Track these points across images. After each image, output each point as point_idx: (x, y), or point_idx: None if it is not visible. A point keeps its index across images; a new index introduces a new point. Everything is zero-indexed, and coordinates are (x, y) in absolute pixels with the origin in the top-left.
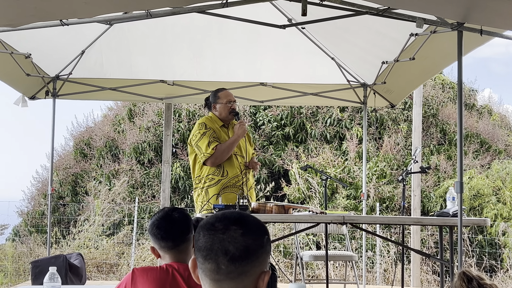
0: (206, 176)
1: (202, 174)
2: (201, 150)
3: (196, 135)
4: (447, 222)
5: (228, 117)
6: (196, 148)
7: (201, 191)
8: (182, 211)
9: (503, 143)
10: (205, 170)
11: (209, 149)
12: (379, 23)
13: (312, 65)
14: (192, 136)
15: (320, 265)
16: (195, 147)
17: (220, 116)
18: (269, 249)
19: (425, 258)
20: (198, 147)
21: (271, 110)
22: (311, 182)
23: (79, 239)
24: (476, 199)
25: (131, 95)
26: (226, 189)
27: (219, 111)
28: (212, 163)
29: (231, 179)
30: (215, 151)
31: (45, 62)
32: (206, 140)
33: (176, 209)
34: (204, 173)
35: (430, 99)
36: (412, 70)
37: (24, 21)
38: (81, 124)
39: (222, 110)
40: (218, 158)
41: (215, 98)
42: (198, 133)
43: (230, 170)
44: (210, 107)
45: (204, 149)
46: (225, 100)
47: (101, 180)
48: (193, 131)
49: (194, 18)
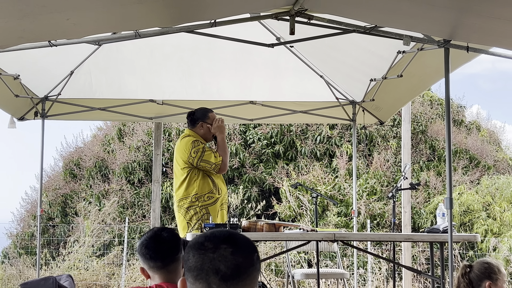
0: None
1: (192, 193)
2: (210, 162)
3: (196, 152)
4: (438, 239)
5: (209, 139)
6: (202, 162)
7: (199, 210)
8: (171, 230)
9: (492, 158)
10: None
11: (218, 159)
12: (367, 41)
13: (301, 83)
14: (190, 154)
15: (312, 283)
16: (200, 162)
17: (203, 136)
18: (259, 266)
19: (417, 274)
20: (205, 161)
21: (261, 128)
22: (301, 200)
23: (69, 260)
24: (466, 215)
25: (120, 115)
26: (222, 205)
27: (205, 131)
28: (222, 169)
29: (223, 196)
30: (222, 157)
31: (34, 83)
32: (210, 152)
33: (165, 229)
34: (193, 192)
35: (419, 116)
36: (400, 87)
37: (13, 43)
38: (70, 145)
39: (208, 131)
40: (226, 163)
41: (204, 118)
42: (198, 150)
43: (222, 188)
44: (194, 123)
45: (213, 160)
46: (213, 123)
47: (91, 200)
48: (187, 150)
49: (183, 37)
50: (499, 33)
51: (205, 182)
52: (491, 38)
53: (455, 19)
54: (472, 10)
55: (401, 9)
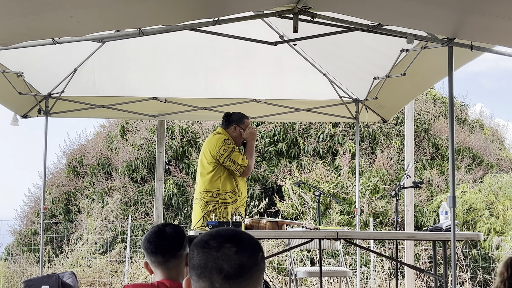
0: (224, 193)
1: (215, 188)
2: (236, 163)
3: (225, 150)
4: (440, 237)
5: (238, 143)
6: (228, 161)
7: (218, 206)
8: (176, 227)
9: (495, 157)
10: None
11: (244, 161)
12: (370, 39)
13: (304, 81)
14: (219, 150)
15: (315, 281)
16: (226, 160)
17: (235, 139)
18: (263, 266)
19: (419, 273)
20: (232, 160)
21: (264, 126)
22: (304, 198)
23: (72, 257)
24: (469, 213)
25: (123, 113)
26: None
27: (237, 135)
28: (246, 173)
29: (243, 199)
30: (249, 161)
31: (37, 81)
32: (239, 153)
33: (170, 225)
34: (216, 187)
35: (422, 114)
36: (403, 86)
37: (17, 40)
38: (73, 142)
39: (239, 135)
40: (251, 167)
41: (240, 122)
42: (228, 148)
43: (243, 191)
44: (229, 124)
45: (240, 161)
46: (246, 129)
47: (94, 198)
48: (217, 146)
49: (187, 35)
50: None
51: (229, 181)
52: (495, 36)
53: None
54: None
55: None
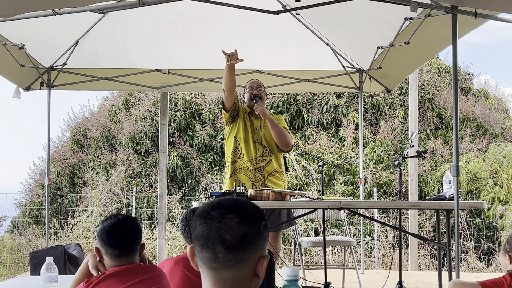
0: (227, 156)
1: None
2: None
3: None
4: (444, 206)
5: (250, 104)
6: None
7: (226, 170)
8: (134, 221)
9: (499, 126)
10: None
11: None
12: (374, 7)
13: (307, 51)
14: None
15: (319, 251)
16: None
17: (247, 104)
18: (266, 235)
19: (423, 242)
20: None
21: (268, 97)
22: (308, 169)
23: (78, 229)
24: (473, 182)
25: (126, 85)
26: (239, 170)
27: (245, 99)
28: (224, 97)
29: (245, 162)
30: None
31: (39, 53)
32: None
33: (129, 219)
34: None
35: (426, 84)
36: (407, 55)
37: (16, 11)
38: (77, 115)
39: (246, 98)
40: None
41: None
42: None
43: (246, 153)
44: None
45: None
46: (248, 88)
47: (98, 170)
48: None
49: (188, 5)
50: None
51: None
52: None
53: None
54: None
55: None
